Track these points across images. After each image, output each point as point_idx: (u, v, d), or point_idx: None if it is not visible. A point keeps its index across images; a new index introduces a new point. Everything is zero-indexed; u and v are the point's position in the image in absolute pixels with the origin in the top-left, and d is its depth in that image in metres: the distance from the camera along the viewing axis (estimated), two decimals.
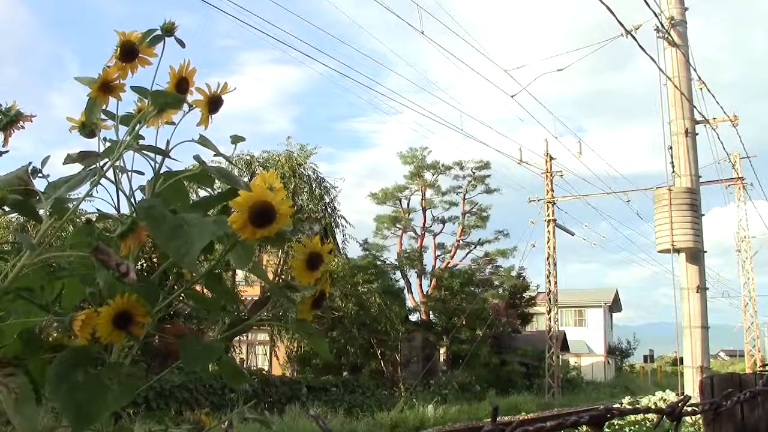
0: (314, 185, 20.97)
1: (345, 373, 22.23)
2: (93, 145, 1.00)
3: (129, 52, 1.01)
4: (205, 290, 1.07)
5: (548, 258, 28.25)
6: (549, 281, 28.33)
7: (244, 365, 20.37)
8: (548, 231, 28.31)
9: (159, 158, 0.99)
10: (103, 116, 1.02)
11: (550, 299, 28.51)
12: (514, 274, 32.80)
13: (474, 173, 32.72)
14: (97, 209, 0.96)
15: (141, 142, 0.99)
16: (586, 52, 14.61)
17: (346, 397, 19.17)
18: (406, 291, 29.43)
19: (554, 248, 28.18)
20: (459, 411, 19.21)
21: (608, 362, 44.23)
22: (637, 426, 9.96)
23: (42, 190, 0.94)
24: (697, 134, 13.47)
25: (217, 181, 1.02)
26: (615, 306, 49.18)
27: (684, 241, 12.64)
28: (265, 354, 23.46)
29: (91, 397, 0.79)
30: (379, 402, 19.30)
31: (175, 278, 1.02)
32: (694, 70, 13.66)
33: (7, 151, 1.01)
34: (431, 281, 30.61)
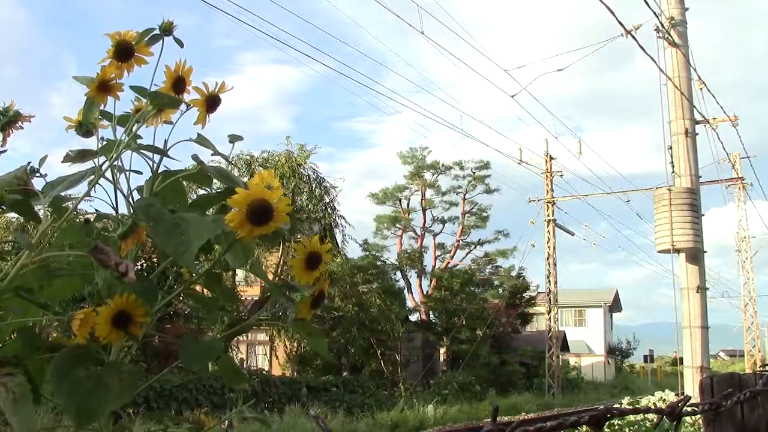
0: (314, 185, 20.96)
1: (345, 373, 22.23)
2: (91, 144, 1.00)
3: (124, 52, 1.00)
4: (204, 290, 1.07)
5: (548, 258, 28.25)
6: (549, 281, 28.34)
7: (244, 365, 20.38)
8: (548, 231, 28.32)
9: (157, 157, 0.99)
10: (99, 116, 1.02)
11: (550, 299, 28.52)
12: (514, 274, 32.80)
13: (474, 173, 32.72)
14: (96, 209, 0.96)
15: (138, 141, 0.99)
16: (586, 52, 14.60)
17: (346, 397, 19.16)
18: (406, 291, 29.43)
19: (554, 248, 28.19)
20: (459, 411, 19.21)
21: (608, 362, 44.23)
22: (637, 426, 9.95)
23: (40, 190, 0.94)
24: (697, 134, 13.46)
25: (215, 180, 1.02)
26: (615, 306, 49.18)
27: (684, 241, 12.64)
28: (265, 354, 23.46)
29: (93, 394, 0.79)
30: (379, 402, 19.30)
31: (174, 278, 1.02)
32: (694, 70, 13.67)
33: (5, 151, 1.01)
34: (431, 281, 30.60)
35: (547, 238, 28.32)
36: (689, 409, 1.35)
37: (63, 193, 0.93)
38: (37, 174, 0.96)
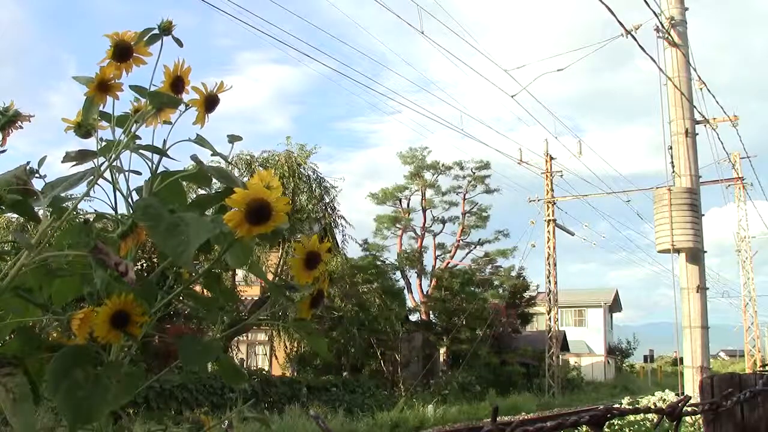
0: (314, 185, 20.94)
1: (345, 373, 22.22)
2: (90, 145, 1.00)
3: (123, 52, 1.00)
4: (204, 290, 1.07)
5: (548, 258, 28.26)
6: (549, 281, 28.36)
7: (244, 365, 20.37)
8: (548, 231, 28.33)
9: (156, 158, 0.99)
10: (98, 117, 1.02)
11: (550, 299, 28.54)
12: (514, 274, 32.81)
13: (474, 173, 32.73)
14: (95, 210, 0.96)
15: (138, 141, 0.99)
16: (586, 52, 14.62)
17: (346, 397, 19.17)
18: (406, 291, 29.43)
19: (554, 248, 28.20)
20: (459, 411, 19.21)
21: (608, 362, 44.23)
22: (637, 426, 9.96)
23: (40, 190, 0.93)
24: (697, 134, 13.47)
25: (215, 180, 1.02)
26: (615, 306, 49.17)
27: (684, 241, 12.64)
28: (265, 354, 23.45)
29: (91, 395, 0.79)
30: (379, 402, 19.29)
31: (174, 278, 1.02)
32: (694, 70, 13.67)
33: (5, 151, 1.01)
34: (431, 281, 30.60)
35: (547, 238, 28.33)
36: (689, 409, 1.35)
37: (62, 194, 0.93)
38: (37, 174, 0.95)
